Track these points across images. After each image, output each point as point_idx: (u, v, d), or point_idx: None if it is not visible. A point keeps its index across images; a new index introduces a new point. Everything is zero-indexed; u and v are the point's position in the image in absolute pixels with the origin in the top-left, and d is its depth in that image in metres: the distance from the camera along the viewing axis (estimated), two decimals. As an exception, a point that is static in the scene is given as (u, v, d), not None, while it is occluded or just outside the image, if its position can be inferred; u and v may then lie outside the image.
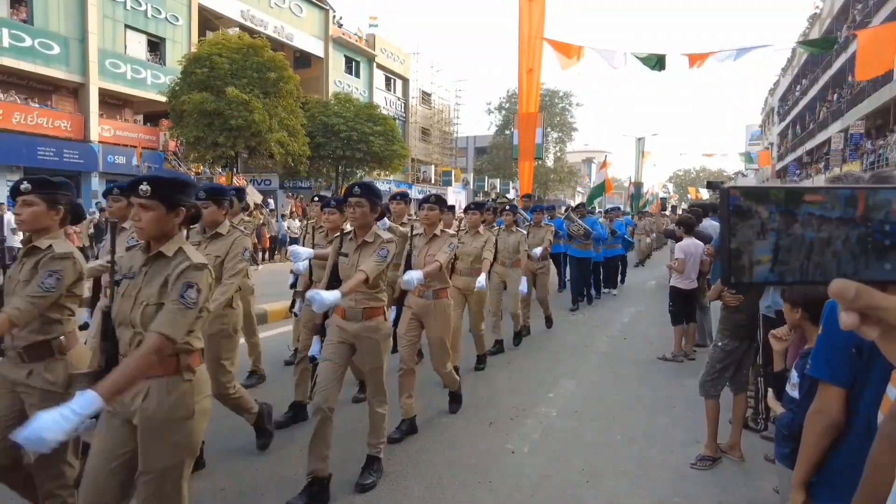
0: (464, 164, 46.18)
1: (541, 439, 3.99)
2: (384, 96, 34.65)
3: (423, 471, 3.45)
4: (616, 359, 6.23)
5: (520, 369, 5.67)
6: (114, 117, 21.47)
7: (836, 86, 26.55)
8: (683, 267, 5.97)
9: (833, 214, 0.51)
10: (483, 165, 42.58)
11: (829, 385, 1.53)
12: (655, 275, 14.13)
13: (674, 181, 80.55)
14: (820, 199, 0.51)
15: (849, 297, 0.49)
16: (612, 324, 8.15)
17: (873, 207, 0.51)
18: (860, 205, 0.51)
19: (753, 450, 3.79)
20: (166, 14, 22.24)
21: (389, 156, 24.49)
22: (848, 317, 0.51)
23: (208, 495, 3.09)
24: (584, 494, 3.24)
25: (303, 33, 28.57)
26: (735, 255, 0.52)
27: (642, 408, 4.69)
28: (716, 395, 3.71)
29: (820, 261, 0.51)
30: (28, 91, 19.10)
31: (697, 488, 3.35)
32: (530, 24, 10.16)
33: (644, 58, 9.65)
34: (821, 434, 1.55)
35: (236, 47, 18.61)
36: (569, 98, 41.57)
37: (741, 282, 0.53)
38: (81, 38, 19.52)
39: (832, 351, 1.52)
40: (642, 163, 34.49)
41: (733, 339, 3.70)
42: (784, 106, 40.66)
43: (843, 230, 0.51)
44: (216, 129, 18.10)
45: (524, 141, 10.77)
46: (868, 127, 22.71)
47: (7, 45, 17.57)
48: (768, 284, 0.71)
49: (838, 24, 26.22)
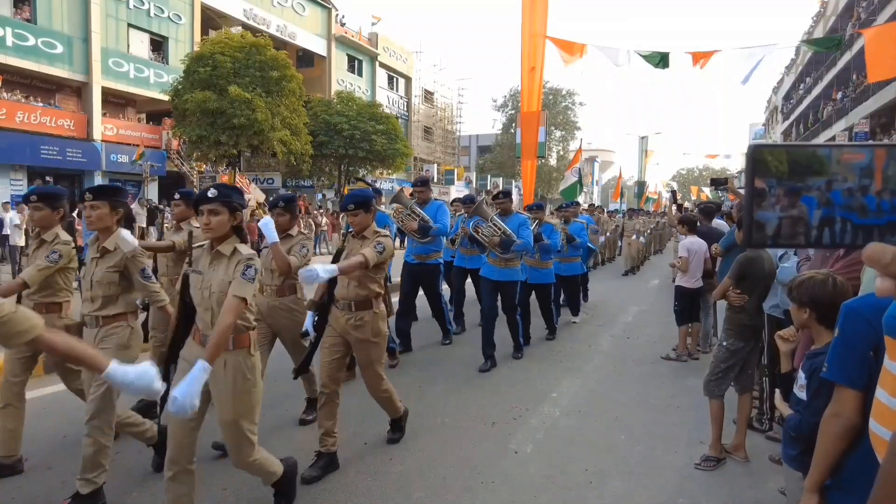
0: (466, 162, 46.16)
1: (544, 439, 3.97)
2: (387, 95, 34.65)
3: (425, 471, 3.43)
4: (620, 358, 6.21)
5: (523, 369, 5.65)
6: (117, 116, 21.50)
7: (840, 84, 26.43)
8: (687, 266, 5.94)
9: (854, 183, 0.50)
10: (486, 164, 42.57)
11: (846, 388, 1.50)
12: (659, 274, 14.10)
13: (677, 180, 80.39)
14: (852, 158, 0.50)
15: (884, 261, 0.47)
16: (616, 323, 8.12)
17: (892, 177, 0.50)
18: (878, 175, 0.49)
19: (758, 450, 3.76)
20: (169, 13, 22.26)
21: (392, 154, 24.49)
22: (883, 282, 0.49)
23: (209, 495, 3.08)
24: (587, 495, 3.22)
25: (305, 32, 28.57)
26: (758, 217, 0.50)
27: (646, 408, 4.66)
28: (720, 395, 3.68)
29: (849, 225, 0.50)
30: (31, 90, 19.14)
31: (702, 489, 3.33)
32: (533, 22, 10.11)
33: (647, 55, 9.59)
34: (838, 437, 1.52)
35: (239, 46, 18.62)
36: (572, 97, 41.53)
37: (763, 243, 0.51)
38: (84, 38, 19.55)
39: (848, 353, 1.49)
40: (645, 162, 34.42)
41: (738, 339, 3.67)
42: (788, 104, 40.50)
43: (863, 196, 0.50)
44: (219, 128, 18.12)
45: (527, 139, 10.72)
46: (873, 125, 22.59)
47: (10, 45, 17.60)
48: (794, 247, 0.70)
49: (843, 21, 26.09)
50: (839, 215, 0.51)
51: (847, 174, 0.51)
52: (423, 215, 5.82)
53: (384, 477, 3.34)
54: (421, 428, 4.06)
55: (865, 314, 1.45)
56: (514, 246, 5.44)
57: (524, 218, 5.78)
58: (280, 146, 19.19)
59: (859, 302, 1.50)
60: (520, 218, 5.74)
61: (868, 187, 0.50)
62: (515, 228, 5.56)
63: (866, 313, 1.45)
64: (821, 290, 2.01)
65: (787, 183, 0.50)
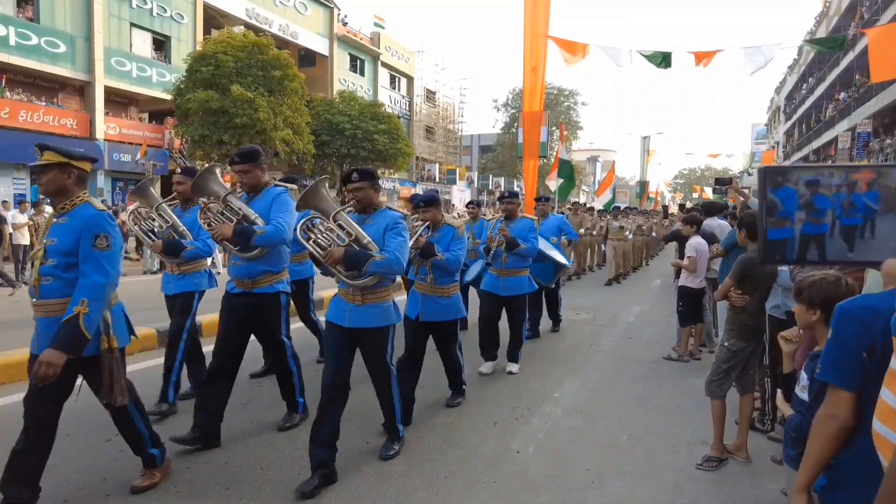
0: (468, 162, 46.15)
1: (546, 439, 3.97)
2: (389, 94, 34.66)
3: (426, 471, 3.44)
4: (621, 358, 6.20)
5: (525, 368, 5.65)
6: (119, 115, 21.54)
7: (843, 84, 26.37)
8: (695, 266, 5.92)
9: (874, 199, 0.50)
10: (488, 163, 42.58)
11: (839, 389, 1.51)
12: (660, 273, 14.08)
13: (679, 179, 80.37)
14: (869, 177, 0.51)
15: None
16: (618, 323, 8.12)
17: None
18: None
19: (760, 451, 3.76)
20: (171, 12, 22.29)
21: (394, 154, 24.51)
22: None
23: (211, 494, 3.09)
24: (589, 495, 3.23)
25: (308, 31, 28.59)
26: (772, 236, 0.51)
27: (648, 408, 4.66)
28: (722, 395, 3.68)
29: (865, 242, 0.50)
30: (34, 89, 19.19)
31: (703, 489, 3.33)
32: (535, 21, 10.11)
33: (650, 55, 9.58)
34: (830, 438, 1.53)
35: (241, 45, 18.65)
36: (574, 96, 41.54)
37: (777, 261, 0.52)
38: (87, 37, 19.59)
39: (843, 355, 1.49)
40: (647, 161, 34.41)
41: (740, 340, 3.67)
42: (791, 104, 40.42)
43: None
44: (221, 127, 18.15)
45: (529, 139, 10.72)
46: (876, 125, 22.54)
47: (13, 44, 17.65)
48: (809, 264, 0.70)
49: (846, 21, 26.03)
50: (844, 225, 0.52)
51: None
52: (246, 212, 3.62)
53: (386, 476, 3.34)
54: (423, 427, 4.07)
55: (860, 316, 1.45)
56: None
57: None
58: (282, 146, 19.23)
59: (853, 303, 1.50)
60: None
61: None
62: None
63: (861, 315, 1.45)
64: (833, 292, 2.00)
65: (799, 198, 0.51)
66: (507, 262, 5.30)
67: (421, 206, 4.26)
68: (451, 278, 4.23)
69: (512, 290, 5.37)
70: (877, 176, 1.37)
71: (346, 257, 3.13)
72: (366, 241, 3.22)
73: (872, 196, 1.38)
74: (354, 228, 3.24)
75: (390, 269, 3.19)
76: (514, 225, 5.33)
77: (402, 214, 3.44)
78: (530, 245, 5.24)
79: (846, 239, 1.46)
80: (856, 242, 1.45)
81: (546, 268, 6.49)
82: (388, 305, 3.38)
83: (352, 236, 3.22)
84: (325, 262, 3.17)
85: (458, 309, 4.31)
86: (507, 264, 5.31)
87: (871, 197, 1.38)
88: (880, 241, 1.42)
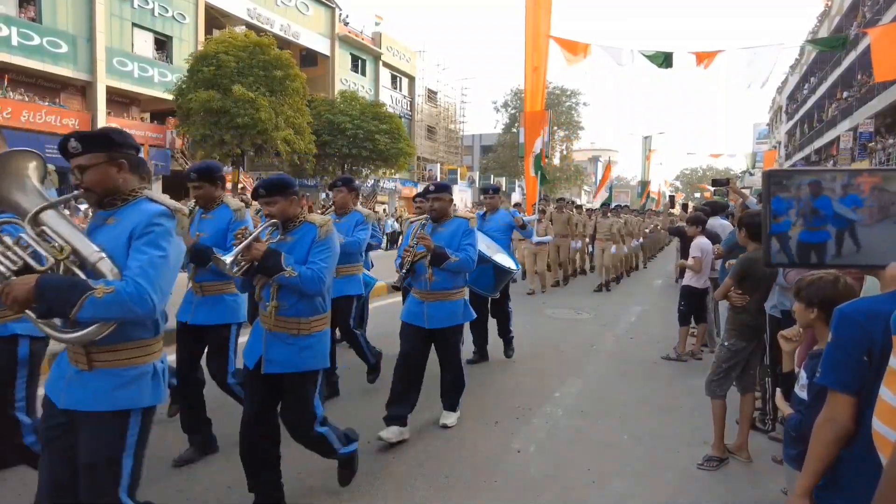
0: (469, 162, 46.13)
1: (547, 439, 3.97)
2: (390, 94, 34.66)
3: (427, 471, 3.44)
4: (622, 358, 6.21)
5: (526, 368, 5.65)
6: (121, 115, 21.57)
7: (845, 84, 26.33)
8: (700, 266, 5.92)
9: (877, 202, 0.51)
10: (489, 163, 42.56)
11: (839, 393, 1.51)
12: (661, 274, 14.08)
13: (681, 179, 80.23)
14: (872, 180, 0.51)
15: None
16: (619, 323, 8.12)
17: None
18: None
19: (761, 451, 3.76)
20: (173, 12, 22.32)
21: (395, 154, 24.52)
22: None
23: (212, 494, 3.10)
24: (590, 495, 3.23)
25: (309, 31, 28.61)
26: (776, 238, 0.52)
27: (649, 408, 4.67)
28: (722, 395, 3.69)
29: (870, 244, 0.51)
30: (36, 89, 19.23)
31: (704, 489, 3.33)
32: (537, 21, 10.12)
33: (651, 55, 9.59)
34: (830, 443, 1.53)
35: (243, 45, 18.67)
36: (576, 96, 41.50)
37: (782, 263, 0.52)
38: (89, 37, 19.62)
39: (842, 358, 1.49)
40: (649, 161, 34.40)
41: (740, 339, 3.67)
42: (792, 104, 40.36)
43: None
44: (223, 127, 18.17)
45: (530, 139, 10.73)
46: (878, 125, 22.50)
47: (16, 44, 17.68)
48: (812, 267, 0.70)
49: (848, 21, 25.99)
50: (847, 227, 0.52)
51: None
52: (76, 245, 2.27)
53: (387, 476, 3.35)
54: (423, 427, 4.07)
55: (859, 319, 1.45)
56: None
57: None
58: (284, 145, 19.24)
59: (853, 306, 1.50)
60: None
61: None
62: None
63: (860, 318, 1.45)
64: (831, 291, 2.00)
65: (801, 203, 0.52)
66: (432, 282, 3.82)
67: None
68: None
69: (441, 320, 3.88)
70: (881, 180, 1.36)
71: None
72: (90, 253, 1.86)
73: (871, 200, 1.38)
74: (74, 236, 1.89)
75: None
76: (441, 229, 3.92)
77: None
78: (464, 256, 3.79)
79: (847, 241, 1.46)
80: (860, 245, 1.45)
81: (486, 271, 5.16)
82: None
83: (65, 251, 1.85)
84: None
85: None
86: (433, 284, 3.83)
87: (871, 201, 1.38)
88: (881, 245, 1.42)
